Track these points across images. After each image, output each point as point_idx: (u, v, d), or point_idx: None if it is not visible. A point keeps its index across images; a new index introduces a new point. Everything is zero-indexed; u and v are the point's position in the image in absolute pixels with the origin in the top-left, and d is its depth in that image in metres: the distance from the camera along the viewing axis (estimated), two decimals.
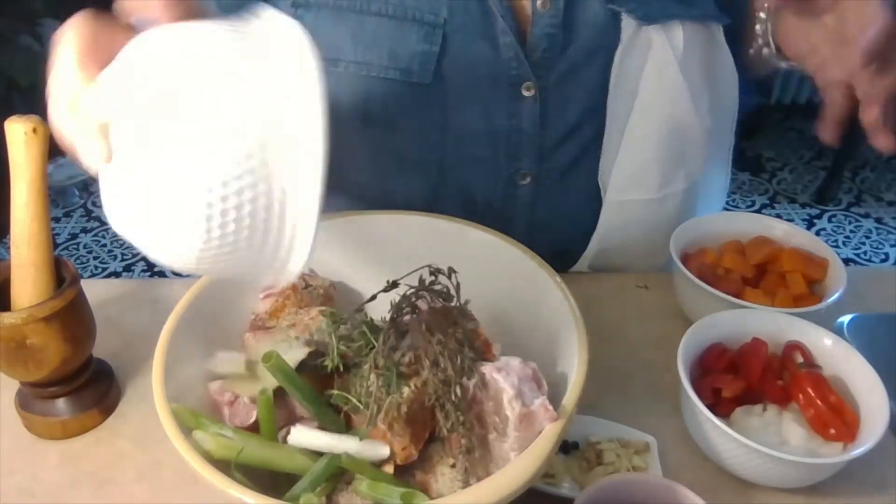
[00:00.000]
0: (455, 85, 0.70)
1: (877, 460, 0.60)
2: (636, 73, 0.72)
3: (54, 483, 0.62)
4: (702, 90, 0.76)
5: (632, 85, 0.73)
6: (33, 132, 0.57)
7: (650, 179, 0.77)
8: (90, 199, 2.79)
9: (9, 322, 0.58)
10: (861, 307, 0.76)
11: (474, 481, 0.49)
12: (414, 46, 0.68)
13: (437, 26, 0.68)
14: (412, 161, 0.76)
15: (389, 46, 0.69)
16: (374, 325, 0.53)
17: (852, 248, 2.51)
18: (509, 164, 0.75)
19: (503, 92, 0.71)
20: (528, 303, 0.61)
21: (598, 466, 0.59)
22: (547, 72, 0.71)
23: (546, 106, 0.72)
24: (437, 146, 0.74)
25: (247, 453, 0.49)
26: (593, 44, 0.71)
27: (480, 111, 0.72)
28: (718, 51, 0.76)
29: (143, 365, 0.72)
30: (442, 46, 0.68)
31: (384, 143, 0.75)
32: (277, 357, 0.50)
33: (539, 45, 0.70)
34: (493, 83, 0.71)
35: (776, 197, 2.79)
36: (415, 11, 0.68)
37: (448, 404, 0.49)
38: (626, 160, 0.76)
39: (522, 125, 0.73)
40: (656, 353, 0.73)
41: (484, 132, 0.73)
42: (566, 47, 0.70)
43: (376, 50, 0.69)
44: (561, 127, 0.74)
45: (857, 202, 2.75)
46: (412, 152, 0.75)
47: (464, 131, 0.73)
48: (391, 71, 0.69)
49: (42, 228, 0.59)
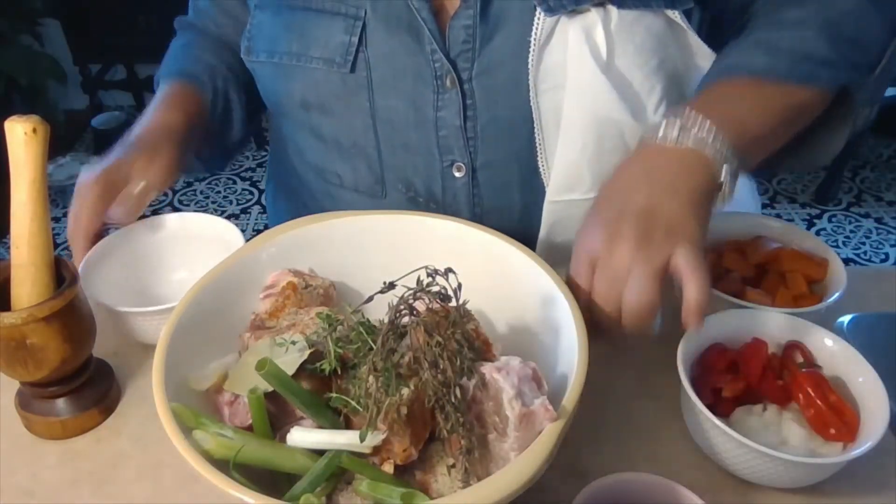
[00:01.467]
0: (379, 75, 0.74)
1: (877, 460, 0.60)
2: (559, 69, 0.71)
3: (54, 483, 0.62)
4: (649, 87, 0.72)
5: (559, 80, 0.71)
6: (33, 132, 0.57)
7: (583, 180, 0.76)
8: None
9: (9, 322, 0.58)
10: (861, 307, 0.76)
11: (474, 481, 0.49)
12: (336, 38, 0.73)
13: (357, 19, 0.73)
14: (350, 146, 0.80)
15: (316, 38, 0.74)
16: (372, 327, 0.53)
17: (852, 248, 2.51)
18: (441, 155, 0.77)
19: (428, 83, 0.74)
20: (529, 303, 0.61)
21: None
22: (469, 64, 0.72)
23: (471, 98, 0.74)
24: (369, 132, 0.78)
25: (246, 453, 0.49)
26: (518, 38, 0.70)
27: (407, 101, 0.75)
28: (680, 39, 0.73)
29: (143, 365, 0.72)
30: (362, 38, 0.73)
31: (323, 128, 0.80)
32: (271, 364, 0.49)
33: (458, 38, 0.71)
34: (418, 75, 0.73)
35: (776, 197, 2.79)
36: (339, 6, 0.73)
37: (448, 405, 0.49)
38: (560, 159, 0.75)
39: (447, 116, 0.75)
40: (656, 353, 0.73)
41: (414, 122, 0.76)
42: (488, 40, 0.71)
43: (304, 41, 0.75)
44: (489, 120, 0.75)
45: (857, 202, 2.75)
46: (347, 138, 0.79)
47: (393, 120, 0.76)
48: (316, 61, 0.75)
49: (42, 228, 0.59)
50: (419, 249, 0.66)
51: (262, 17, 0.78)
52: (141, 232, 0.79)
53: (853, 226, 2.62)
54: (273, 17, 0.77)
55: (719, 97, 0.67)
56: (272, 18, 0.77)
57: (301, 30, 0.75)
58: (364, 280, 0.66)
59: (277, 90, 0.81)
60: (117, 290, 0.73)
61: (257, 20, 0.79)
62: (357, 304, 0.54)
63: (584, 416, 0.63)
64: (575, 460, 0.62)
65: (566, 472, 0.60)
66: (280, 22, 0.77)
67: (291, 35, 0.75)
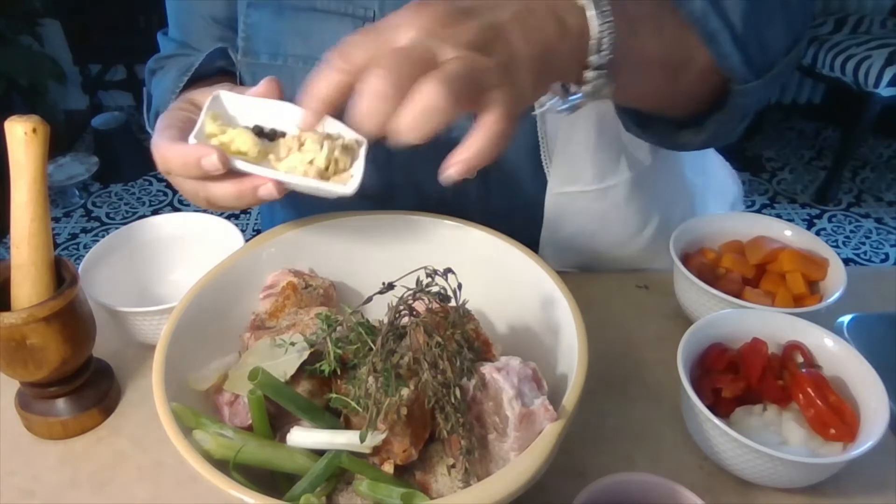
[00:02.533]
0: None
1: (877, 460, 0.60)
2: None
3: (54, 483, 0.62)
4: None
5: None
6: (33, 132, 0.57)
7: (586, 171, 0.76)
8: (90, 199, 2.80)
9: (9, 322, 0.58)
10: (861, 307, 0.76)
11: (474, 481, 0.49)
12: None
13: (366, 20, 0.70)
14: None
15: (322, 40, 0.71)
16: (372, 327, 0.53)
17: (852, 248, 2.51)
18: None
19: None
20: (529, 303, 0.61)
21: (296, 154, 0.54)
22: None
23: None
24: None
25: (246, 453, 0.49)
26: None
27: None
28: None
29: (143, 365, 0.72)
30: None
31: None
32: (263, 373, 0.49)
33: None
34: None
35: (776, 197, 2.80)
36: (347, 6, 0.71)
37: (448, 406, 0.49)
38: (561, 152, 0.75)
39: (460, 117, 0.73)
40: (656, 353, 0.73)
41: None
42: None
43: (311, 43, 0.72)
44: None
45: (857, 202, 2.75)
46: None
47: None
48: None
49: (42, 228, 0.59)
50: (419, 249, 0.66)
51: (259, 16, 0.76)
52: (141, 232, 0.79)
53: (853, 226, 2.63)
54: (274, 18, 0.76)
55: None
56: (273, 19, 0.76)
57: (307, 32, 0.73)
58: (364, 280, 0.66)
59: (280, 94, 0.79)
60: (117, 290, 0.73)
61: (253, 19, 0.77)
62: (357, 305, 0.54)
63: (584, 416, 0.64)
64: (575, 460, 0.62)
65: (566, 472, 0.60)
66: (283, 23, 0.75)
67: (296, 37, 0.74)
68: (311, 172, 0.53)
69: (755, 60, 0.64)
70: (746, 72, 0.63)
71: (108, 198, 2.79)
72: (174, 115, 0.61)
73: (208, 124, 0.55)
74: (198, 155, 0.52)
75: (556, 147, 0.75)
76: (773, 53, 0.66)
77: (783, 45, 0.67)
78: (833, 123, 3.18)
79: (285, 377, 0.52)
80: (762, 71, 0.64)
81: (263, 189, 0.53)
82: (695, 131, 0.70)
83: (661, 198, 0.85)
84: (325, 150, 0.53)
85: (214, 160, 0.51)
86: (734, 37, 0.62)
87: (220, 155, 0.51)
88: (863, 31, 2.64)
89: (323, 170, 0.54)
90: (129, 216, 2.68)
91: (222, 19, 0.83)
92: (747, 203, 2.73)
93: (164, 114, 0.61)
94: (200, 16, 0.84)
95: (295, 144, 0.55)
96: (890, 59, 2.39)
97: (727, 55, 0.62)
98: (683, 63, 0.62)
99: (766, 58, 0.65)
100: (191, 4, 0.84)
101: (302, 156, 0.54)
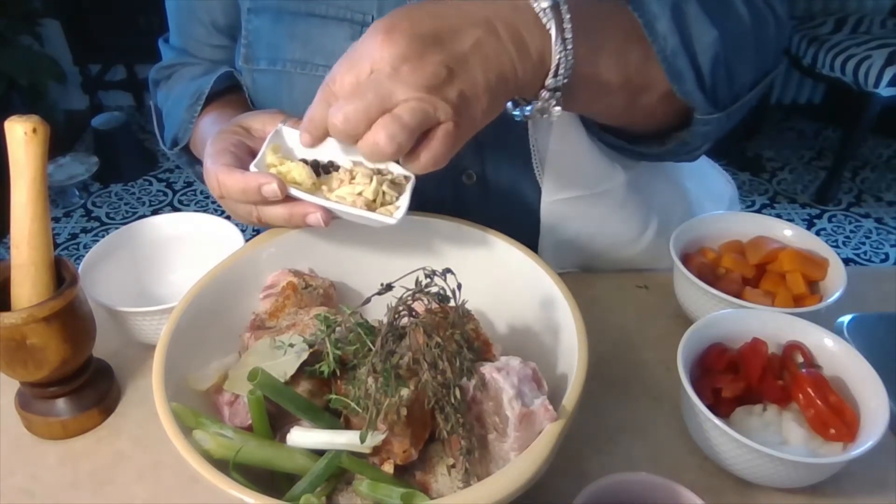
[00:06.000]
0: None
1: (877, 460, 0.60)
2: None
3: (54, 483, 0.62)
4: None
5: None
6: (33, 132, 0.57)
7: (579, 177, 0.75)
8: (90, 199, 2.80)
9: (9, 322, 0.58)
10: (861, 307, 0.76)
11: (474, 481, 0.49)
12: (342, 45, 0.70)
13: (364, 25, 0.70)
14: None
15: (321, 44, 0.72)
16: (371, 328, 0.53)
17: (852, 248, 2.51)
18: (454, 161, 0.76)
19: None
20: (529, 303, 0.61)
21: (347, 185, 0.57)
22: None
23: None
24: None
25: (246, 453, 0.49)
26: None
27: None
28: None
29: (143, 365, 0.72)
30: None
31: None
32: (263, 374, 0.49)
33: None
34: None
35: (776, 197, 2.80)
36: (345, 12, 0.71)
37: (447, 406, 0.49)
38: (553, 160, 0.74)
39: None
40: (656, 353, 0.73)
41: None
42: None
43: (309, 49, 0.73)
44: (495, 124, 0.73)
45: (857, 202, 2.75)
46: None
47: None
48: (322, 69, 0.72)
49: (42, 228, 0.59)
50: (419, 250, 0.66)
51: (260, 22, 0.76)
52: (141, 232, 0.79)
53: (853, 226, 2.63)
54: (273, 24, 0.75)
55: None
56: (272, 25, 0.75)
57: (305, 37, 0.73)
58: (364, 280, 0.66)
59: (279, 99, 0.78)
60: (117, 290, 0.73)
61: (254, 25, 0.77)
62: (357, 305, 0.54)
63: (584, 416, 0.64)
64: (575, 460, 0.62)
65: (566, 472, 0.60)
66: (281, 28, 0.74)
67: (295, 42, 0.73)
68: (359, 203, 0.56)
69: (720, 96, 0.65)
70: (709, 107, 0.64)
71: (108, 198, 2.79)
72: (225, 139, 0.63)
73: (269, 155, 0.58)
74: (259, 182, 0.55)
75: (546, 156, 0.75)
76: (740, 88, 0.67)
77: (750, 81, 0.67)
78: (833, 123, 3.18)
79: (285, 377, 0.52)
80: (726, 105, 0.65)
81: (312, 217, 0.57)
82: (657, 143, 0.70)
83: (657, 201, 0.86)
84: (374, 183, 0.56)
85: (274, 188, 0.55)
86: (699, 79, 0.62)
87: (279, 183, 0.55)
88: (863, 31, 2.64)
89: (371, 201, 0.56)
90: (129, 216, 2.68)
91: (223, 27, 0.83)
92: (747, 203, 2.73)
93: (213, 138, 0.63)
94: (201, 23, 0.84)
95: (346, 177, 0.58)
96: (890, 59, 2.39)
97: (689, 92, 0.63)
98: (645, 87, 0.63)
99: (732, 92, 0.66)
100: (192, 11, 0.84)
101: (352, 188, 0.57)
